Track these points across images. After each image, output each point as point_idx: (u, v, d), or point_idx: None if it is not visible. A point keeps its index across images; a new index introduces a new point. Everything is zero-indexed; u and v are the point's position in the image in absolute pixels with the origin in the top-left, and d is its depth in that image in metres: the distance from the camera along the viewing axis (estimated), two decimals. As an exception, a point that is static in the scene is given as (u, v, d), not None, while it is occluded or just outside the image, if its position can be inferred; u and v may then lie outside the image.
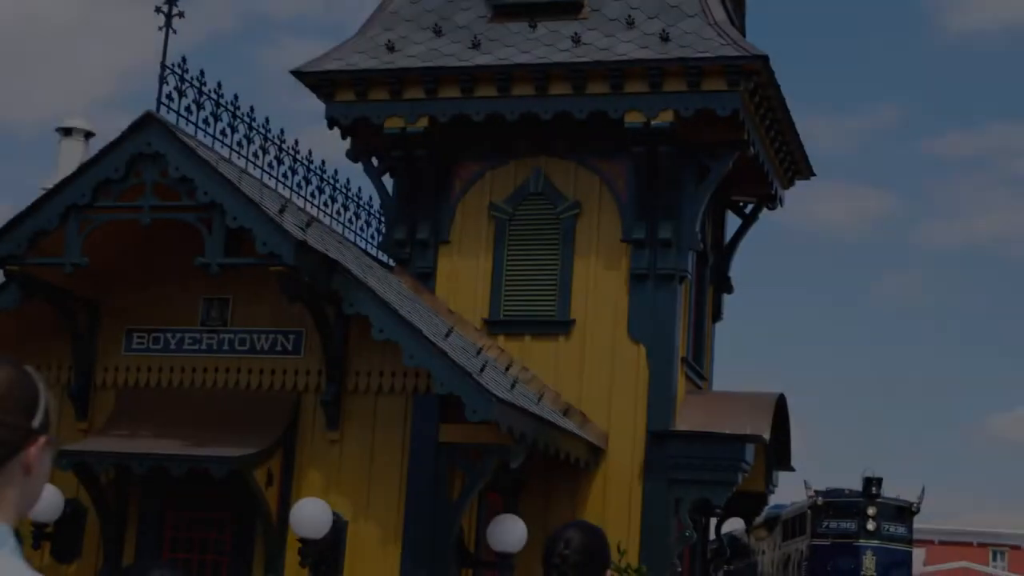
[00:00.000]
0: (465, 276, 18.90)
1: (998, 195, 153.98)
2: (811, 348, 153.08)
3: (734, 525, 33.14)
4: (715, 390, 20.71)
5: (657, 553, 17.53)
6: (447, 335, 15.66)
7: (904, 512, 35.06)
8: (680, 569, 19.33)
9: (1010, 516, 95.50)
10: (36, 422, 3.22)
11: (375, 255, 19.42)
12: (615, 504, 17.80)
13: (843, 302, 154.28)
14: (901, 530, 34.99)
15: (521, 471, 16.72)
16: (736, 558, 40.96)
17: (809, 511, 35.32)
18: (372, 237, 20.01)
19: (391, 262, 19.27)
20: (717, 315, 21.29)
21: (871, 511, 34.26)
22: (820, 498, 34.98)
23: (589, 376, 18.24)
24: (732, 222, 21.82)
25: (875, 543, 34.36)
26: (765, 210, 21.41)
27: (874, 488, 34.54)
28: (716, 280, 21.19)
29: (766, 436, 18.09)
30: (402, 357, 14.55)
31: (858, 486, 35.32)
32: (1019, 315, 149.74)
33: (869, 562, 34.15)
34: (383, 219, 19.77)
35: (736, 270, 21.76)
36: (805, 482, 35.97)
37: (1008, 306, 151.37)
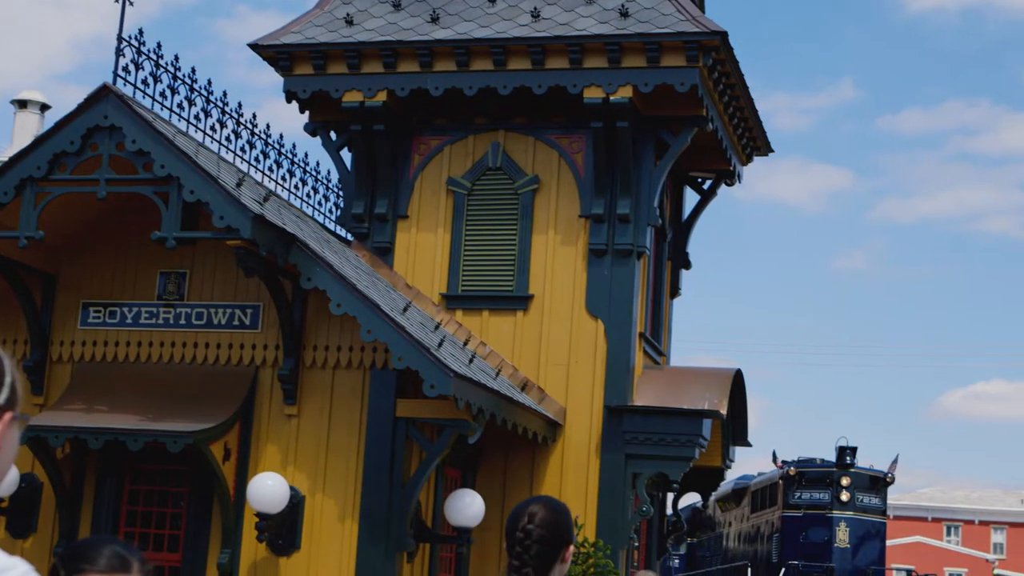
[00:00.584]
0: (423, 251, 18.88)
1: (954, 172, 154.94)
2: (769, 325, 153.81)
3: (692, 499, 32.95)
4: (673, 365, 20.78)
5: (614, 527, 17.58)
6: (405, 310, 15.64)
7: (878, 482, 33.95)
8: (637, 543, 19.41)
9: (965, 492, 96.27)
10: (2, 399, 3.19)
11: (333, 229, 19.38)
12: (572, 479, 17.84)
13: (801, 278, 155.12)
14: (875, 501, 33.87)
15: (479, 446, 16.75)
16: (700, 530, 40.35)
17: (781, 481, 34.15)
18: (330, 211, 19.97)
19: (349, 236, 19.23)
20: (675, 291, 21.34)
21: (845, 481, 33.07)
22: (792, 468, 33.72)
23: (547, 351, 18.26)
24: (690, 198, 21.86)
25: (849, 514, 33.16)
26: (723, 186, 21.46)
27: (848, 457, 33.34)
28: (674, 256, 21.23)
29: (723, 411, 18.16)
30: (360, 332, 14.53)
31: (818, 458, 34.52)
32: (975, 291, 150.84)
33: (843, 534, 32.99)
34: (341, 193, 19.72)
35: (694, 246, 21.83)
36: (774, 452, 34.85)
37: (964, 282, 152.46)
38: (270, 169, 18.28)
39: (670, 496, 21.35)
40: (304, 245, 14.64)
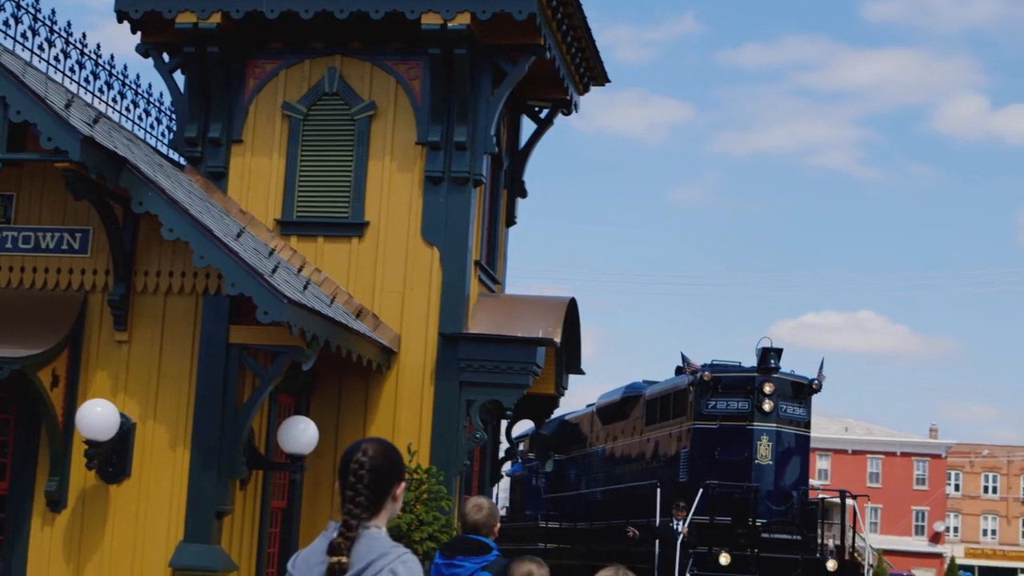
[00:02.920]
0: (258, 176, 18.68)
1: (790, 107, 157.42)
2: (606, 255, 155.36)
3: (526, 427, 32.16)
4: (508, 294, 20.87)
5: (448, 454, 17.68)
6: (238, 235, 15.48)
7: (803, 390, 29.19)
8: (470, 470, 19.54)
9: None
10: None
11: (166, 153, 19.07)
12: (407, 406, 17.89)
13: (639, 210, 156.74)
14: (800, 411, 29.17)
15: (313, 373, 16.69)
16: (570, 446, 36.55)
17: (691, 388, 29.06)
18: (163, 135, 19.62)
19: (182, 161, 18.94)
20: (511, 219, 21.41)
21: (768, 388, 28.22)
22: (706, 372, 28.57)
23: (382, 278, 18.23)
24: (527, 127, 21.91)
25: (772, 426, 28.37)
26: (563, 116, 21.54)
27: (772, 360, 28.43)
28: (510, 184, 21.30)
29: (557, 339, 18.31)
30: (192, 257, 14.35)
31: (734, 361, 29.77)
32: (809, 224, 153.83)
33: (764, 449, 28.24)
34: (174, 117, 19.39)
35: (532, 175, 21.89)
36: (682, 354, 30.29)
37: (798, 215, 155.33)
38: (100, 91, 17.91)
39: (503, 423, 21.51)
40: (135, 168, 14.39)
